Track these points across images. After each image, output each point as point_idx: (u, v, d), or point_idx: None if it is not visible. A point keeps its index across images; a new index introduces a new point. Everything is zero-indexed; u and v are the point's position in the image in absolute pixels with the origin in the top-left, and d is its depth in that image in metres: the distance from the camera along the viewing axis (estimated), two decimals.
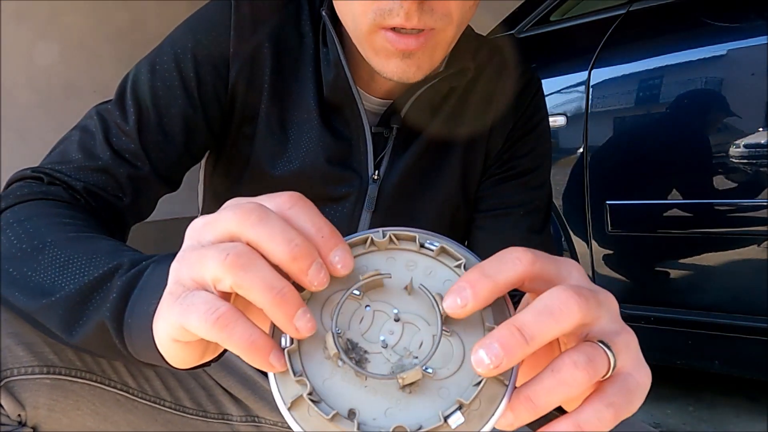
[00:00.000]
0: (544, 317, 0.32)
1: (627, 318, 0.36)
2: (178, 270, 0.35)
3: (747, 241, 1.54)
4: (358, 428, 0.32)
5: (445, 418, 0.32)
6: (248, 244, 0.33)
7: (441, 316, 0.34)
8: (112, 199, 0.64)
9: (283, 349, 0.33)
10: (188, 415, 0.69)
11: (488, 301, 0.33)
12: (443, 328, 0.33)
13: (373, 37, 0.57)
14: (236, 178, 0.73)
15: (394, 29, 0.56)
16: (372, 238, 0.38)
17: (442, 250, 0.37)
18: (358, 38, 0.60)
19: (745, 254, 1.55)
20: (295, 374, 0.33)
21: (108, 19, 3.17)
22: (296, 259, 0.33)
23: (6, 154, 2.78)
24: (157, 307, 0.37)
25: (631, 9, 1.81)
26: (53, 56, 3.02)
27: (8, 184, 0.61)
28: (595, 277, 1.80)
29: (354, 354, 0.34)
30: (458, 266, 0.37)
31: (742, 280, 1.57)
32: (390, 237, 0.38)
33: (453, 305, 0.33)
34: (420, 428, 0.31)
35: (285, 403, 0.33)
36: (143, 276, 0.43)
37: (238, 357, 0.33)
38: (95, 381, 0.60)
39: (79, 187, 0.61)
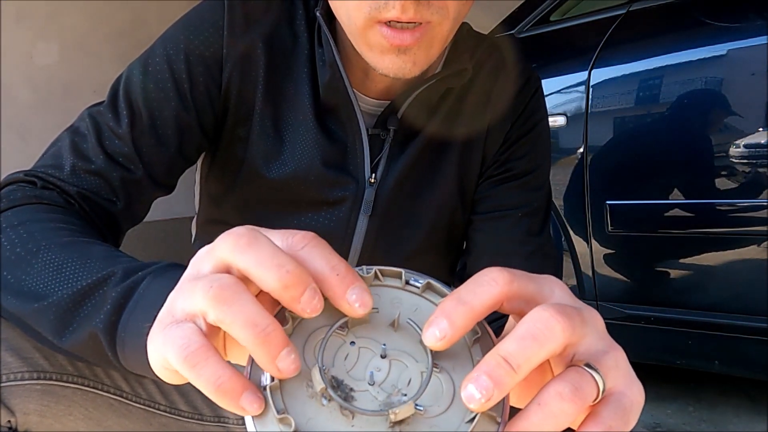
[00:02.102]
0: (528, 342, 0.31)
1: (627, 318, 0.35)
2: (174, 300, 0.34)
3: (747, 241, 1.54)
4: None
5: None
6: (240, 273, 0.33)
7: (431, 351, 0.33)
8: (106, 203, 0.63)
9: (263, 387, 0.31)
10: (183, 419, 0.68)
11: (467, 329, 0.32)
12: (432, 366, 0.32)
13: (368, 32, 0.56)
14: (231, 181, 0.72)
15: (389, 23, 0.55)
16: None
17: (428, 287, 0.37)
18: (353, 33, 0.59)
19: (745, 254, 1.55)
20: (278, 412, 0.30)
21: (108, 19, 3.16)
22: (287, 287, 0.31)
23: (6, 154, 2.78)
24: (151, 327, 0.37)
25: (631, 9, 1.81)
26: (53, 56, 3.01)
27: (0, 188, 0.60)
28: (595, 277, 1.80)
29: (339, 392, 0.32)
30: None
31: (742, 280, 1.56)
32: (375, 273, 0.37)
33: (432, 338, 0.32)
34: None
35: None
36: (138, 289, 0.43)
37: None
38: (87, 386, 0.59)
39: (73, 192, 0.61)
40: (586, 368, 0.32)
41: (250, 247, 0.32)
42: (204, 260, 0.35)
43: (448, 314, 0.32)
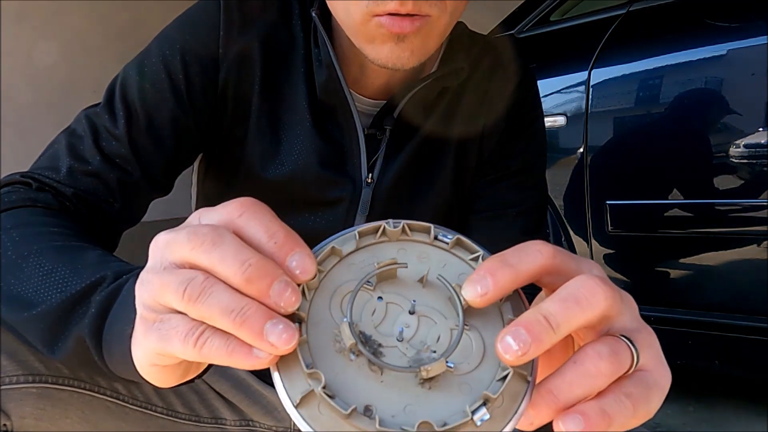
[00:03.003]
0: (570, 304, 0.31)
1: None
2: (142, 294, 0.34)
3: (747, 241, 1.54)
4: (380, 425, 0.29)
5: (471, 414, 0.30)
6: (206, 270, 0.32)
7: (462, 307, 0.32)
8: (103, 204, 0.63)
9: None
10: (181, 421, 0.68)
11: (508, 291, 0.33)
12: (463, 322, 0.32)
13: (367, 25, 0.56)
14: (228, 182, 0.72)
15: (388, 15, 0.55)
16: (384, 227, 0.36)
17: (458, 242, 0.36)
18: (351, 28, 0.59)
19: (745, 254, 1.55)
20: (307, 367, 0.30)
21: (108, 19, 3.17)
22: (250, 280, 0.31)
23: (6, 154, 2.78)
24: (132, 329, 0.36)
25: (631, 9, 1.81)
26: (53, 56, 3.02)
27: None
28: None
29: (368, 347, 0.32)
30: (474, 259, 0.35)
31: (742, 280, 1.56)
32: (403, 227, 0.36)
33: (473, 293, 0.32)
34: (445, 425, 0.29)
35: (293, 401, 0.30)
36: (122, 291, 0.42)
37: None
38: (84, 388, 0.59)
39: (69, 193, 0.60)
40: (623, 338, 0.32)
41: (214, 245, 0.32)
42: (165, 252, 0.34)
43: (493, 273, 0.32)
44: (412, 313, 0.33)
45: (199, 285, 0.31)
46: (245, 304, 0.30)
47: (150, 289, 0.33)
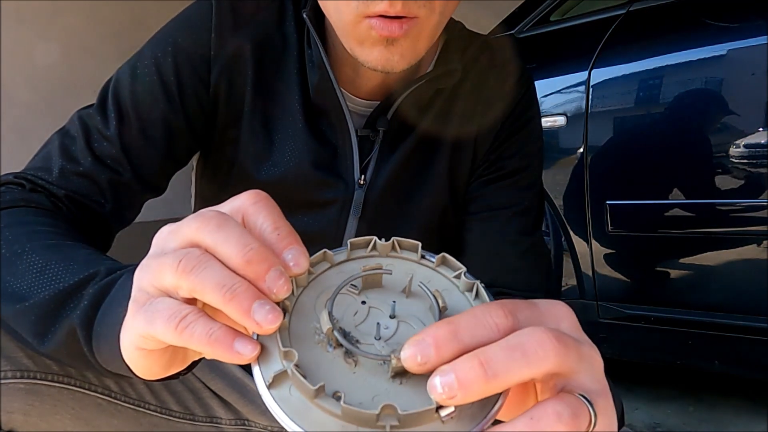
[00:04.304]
0: (515, 354, 0.29)
1: (627, 318, 0.34)
2: (141, 278, 0.35)
3: (747, 241, 1.54)
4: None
5: (438, 408, 0.29)
6: (207, 249, 0.33)
7: (439, 312, 0.33)
8: (94, 205, 0.63)
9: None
10: (174, 419, 0.68)
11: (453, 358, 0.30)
12: None
13: (358, 26, 0.57)
14: (222, 182, 0.72)
15: (378, 17, 0.55)
16: (375, 241, 0.38)
17: (442, 260, 0.37)
18: (342, 29, 0.59)
19: (745, 254, 1.55)
20: (282, 345, 0.31)
21: (108, 19, 3.17)
22: (250, 262, 0.32)
23: (6, 154, 2.78)
24: (125, 316, 0.37)
25: (631, 9, 1.81)
26: (53, 56, 3.02)
27: None
28: (595, 277, 1.80)
29: (346, 340, 0.33)
30: (457, 276, 0.36)
31: (742, 280, 1.56)
32: (393, 243, 0.38)
33: (411, 361, 0.30)
34: (406, 411, 0.29)
35: (266, 381, 0.31)
36: (115, 285, 0.43)
37: None
38: (74, 385, 0.59)
39: (61, 195, 0.61)
40: (584, 400, 0.30)
41: (219, 228, 0.33)
42: (168, 239, 0.35)
43: (438, 344, 0.30)
44: (392, 317, 0.35)
45: (195, 258, 0.32)
46: (236, 281, 0.32)
47: (148, 272, 0.35)
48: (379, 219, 0.72)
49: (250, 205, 0.35)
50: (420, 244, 0.38)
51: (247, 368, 0.58)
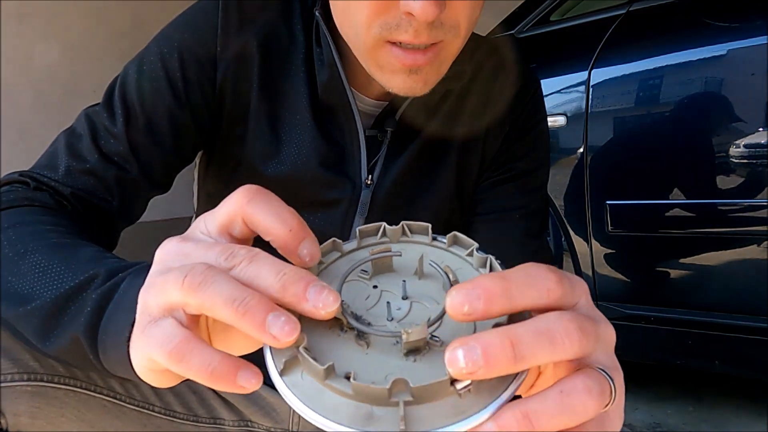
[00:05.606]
0: (543, 340, 0.28)
1: (627, 318, 0.34)
2: (145, 299, 0.34)
3: (747, 241, 1.54)
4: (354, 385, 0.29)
5: (453, 381, 0.28)
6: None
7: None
8: (101, 202, 0.63)
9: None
10: (179, 420, 0.68)
11: (496, 317, 0.30)
12: None
13: (378, 51, 0.56)
14: (228, 179, 0.72)
15: (400, 43, 0.54)
16: (385, 227, 0.37)
17: (454, 239, 0.36)
18: (361, 51, 0.58)
19: (745, 254, 1.55)
20: None
21: (108, 19, 3.16)
22: (286, 287, 0.31)
23: (6, 154, 2.78)
24: (131, 331, 0.36)
25: (631, 9, 1.81)
26: (53, 56, 3.01)
27: None
28: (595, 277, 1.80)
29: (357, 322, 0.32)
30: (469, 254, 0.35)
31: (742, 280, 1.56)
32: (403, 227, 0.37)
33: (457, 309, 0.29)
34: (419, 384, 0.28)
35: (277, 368, 0.30)
36: (118, 290, 0.42)
37: None
38: (80, 387, 0.59)
39: (67, 193, 0.61)
40: (605, 374, 0.30)
41: (230, 259, 0.32)
42: (174, 259, 0.34)
43: (489, 297, 0.29)
44: (405, 298, 0.34)
45: (201, 273, 0.31)
46: (247, 295, 0.30)
47: (153, 292, 0.33)
48: (385, 219, 0.72)
49: (246, 204, 0.34)
50: (430, 225, 0.37)
51: None
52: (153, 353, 0.32)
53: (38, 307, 0.46)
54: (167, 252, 0.34)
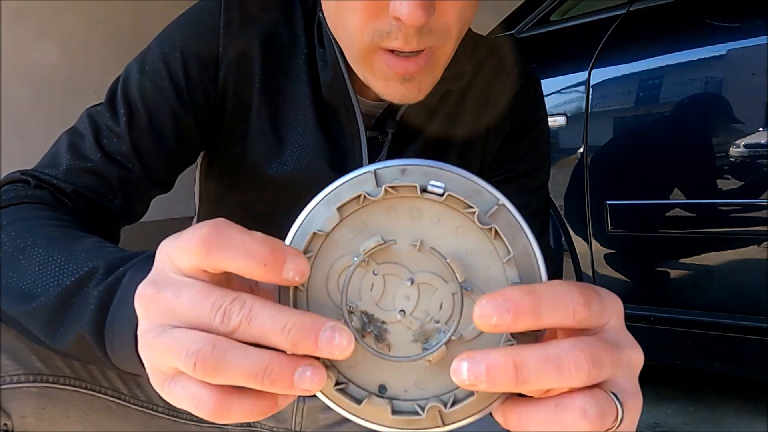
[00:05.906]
0: (549, 367, 0.28)
1: (627, 318, 0.34)
2: (151, 360, 0.32)
3: (747, 241, 1.54)
4: (392, 406, 0.31)
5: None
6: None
7: (458, 280, 0.32)
8: (103, 201, 0.63)
9: None
10: (183, 420, 0.68)
11: (521, 330, 0.30)
12: (463, 287, 0.31)
13: (372, 57, 0.56)
14: (230, 180, 0.72)
15: (392, 50, 0.54)
16: (364, 197, 0.33)
17: (448, 197, 0.33)
18: (354, 57, 0.59)
19: (745, 254, 1.55)
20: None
21: (108, 19, 3.16)
22: (296, 345, 0.29)
23: (6, 154, 2.78)
24: (136, 330, 0.35)
25: (631, 9, 1.81)
26: (53, 56, 3.01)
27: None
28: (595, 277, 1.80)
29: (372, 327, 0.32)
30: (471, 212, 0.33)
31: (742, 280, 1.56)
32: (385, 190, 0.32)
33: (486, 321, 0.29)
34: (454, 404, 0.31)
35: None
36: (120, 286, 0.42)
37: None
38: (84, 388, 0.59)
39: (68, 190, 0.60)
40: (614, 398, 0.30)
41: (235, 302, 0.30)
42: (159, 317, 0.32)
43: (517, 311, 0.29)
44: (411, 283, 0.33)
45: (210, 356, 0.29)
46: (267, 363, 0.29)
47: (157, 357, 0.32)
48: None
49: (206, 257, 0.30)
50: (417, 186, 0.32)
51: None
52: (185, 406, 0.31)
53: (41, 305, 0.46)
54: (147, 307, 0.32)
